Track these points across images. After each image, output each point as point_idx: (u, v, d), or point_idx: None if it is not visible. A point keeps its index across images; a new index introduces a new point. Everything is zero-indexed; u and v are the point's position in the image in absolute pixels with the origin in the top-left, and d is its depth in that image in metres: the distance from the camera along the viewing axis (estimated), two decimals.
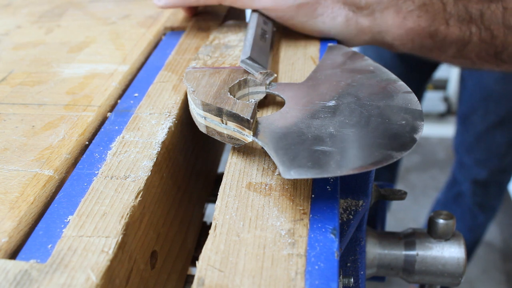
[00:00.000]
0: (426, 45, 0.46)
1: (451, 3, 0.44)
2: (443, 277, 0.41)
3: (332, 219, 0.27)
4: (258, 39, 0.41)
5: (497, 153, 1.12)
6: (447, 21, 0.44)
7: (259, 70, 0.37)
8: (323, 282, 0.23)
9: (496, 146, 1.10)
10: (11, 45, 0.50)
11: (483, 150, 1.13)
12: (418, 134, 0.29)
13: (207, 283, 0.24)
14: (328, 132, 0.29)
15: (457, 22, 0.44)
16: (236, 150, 0.33)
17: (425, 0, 0.44)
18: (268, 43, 0.42)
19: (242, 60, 0.37)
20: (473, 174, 1.18)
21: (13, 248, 0.26)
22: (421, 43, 0.46)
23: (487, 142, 1.11)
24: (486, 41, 0.45)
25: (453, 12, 0.44)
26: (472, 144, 1.14)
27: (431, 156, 2.02)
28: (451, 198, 1.27)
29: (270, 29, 0.44)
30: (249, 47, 0.39)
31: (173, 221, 0.34)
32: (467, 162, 1.18)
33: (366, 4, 0.44)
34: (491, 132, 1.09)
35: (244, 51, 0.38)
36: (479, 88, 1.05)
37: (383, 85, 0.35)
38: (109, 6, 0.58)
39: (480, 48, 0.45)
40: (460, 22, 0.44)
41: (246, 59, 0.37)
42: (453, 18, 0.44)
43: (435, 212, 0.42)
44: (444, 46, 0.46)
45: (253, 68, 0.37)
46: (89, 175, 0.30)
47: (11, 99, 0.40)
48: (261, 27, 0.43)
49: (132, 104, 0.37)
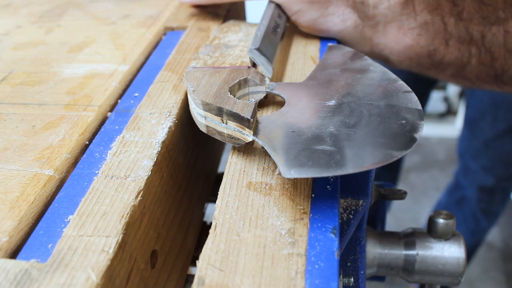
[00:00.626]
0: (424, 64, 0.46)
1: (452, 23, 0.43)
2: (443, 276, 0.41)
3: (332, 218, 0.27)
4: (270, 32, 0.41)
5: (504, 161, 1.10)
6: (447, 41, 0.44)
7: (264, 63, 0.37)
8: (323, 281, 0.23)
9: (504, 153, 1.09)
10: (11, 45, 0.50)
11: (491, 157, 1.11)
12: (418, 134, 0.29)
13: (207, 283, 0.24)
14: (328, 131, 0.30)
15: (457, 43, 0.44)
16: (236, 149, 0.33)
17: (427, 19, 0.43)
18: (278, 37, 0.42)
19: (250, 49, 0.37)
20: (478, 180, 1.16)
21: (13, 247, 0.26)
22: (418, 61, 0.46)
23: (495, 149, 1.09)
24: (486, 63, 0.44)
25: (453, 32, 0.43)
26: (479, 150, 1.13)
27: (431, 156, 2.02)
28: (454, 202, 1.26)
29: (283, 24, 0.44)
30: (259, 38, 0.39)
31: (173, 220, 0.34)
32: (473, 167, 1.16)
33: (373, 14, 0.44)
34: (499, 139, 1.07)
35: (254, 40, 0.38)
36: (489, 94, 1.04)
37: (383, 84, 0.35)
38: (109, 6, 0.58)
39: (479, 70, 0.45)
40: (460, 43, 0.44)
41: (255, 49, 0.37)
42: (453, 38, 0.44)
43: (435, 212, 0.42)
44: (442, 66, 0.46)
45: (259, 60, 0.37)
46: (90, 174, 0.30)
47: (11, 99, 0.40)
48: (274, 20, 0.43)
49: (132, 104, 0.37)
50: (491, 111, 1.06)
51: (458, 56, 0.44)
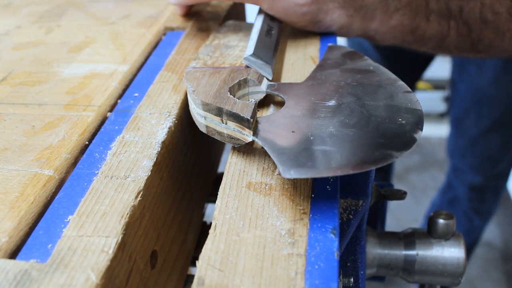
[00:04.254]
0: (407, 40, 0.48)
1: (434, 0, 0.46)
2: (443, 277, 0.41)
3: (332, 219, 0.27)
4: (263, 35, 0.41)
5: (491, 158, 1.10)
6: (428, 17, 0.46)
7: (262, 66, 0.37)
8: (323, 282, 0.23)
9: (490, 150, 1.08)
10: (11, 45, 0.50)
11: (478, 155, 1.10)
12: (418, 134, 0.29)
13: (207, 283, 0.24)
14: (328, 131, 0.29)
15: (437, 18, 0.46)
16: (236, 150, 0.33)
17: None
18: (273, 39, 0.42)
19: (245, 57, 0.37)
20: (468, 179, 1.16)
21: (13, 248, 0.26)
22: (402, 39, 0.48)
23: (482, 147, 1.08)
24: (463, 34, 0.47)
25: (434, 8, 0.46)
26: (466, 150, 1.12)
27: (431, 156, 2.02)
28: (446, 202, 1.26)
29: (277, 25, 0.45)
30: (252, 43, 0.39)
31: (173, 221, 0.34)
32: (462, 167, 1.16)
33: (361, 5, 0.45)
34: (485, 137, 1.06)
35: (248, 47, 0.39)
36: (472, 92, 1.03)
37: (383, 84, 0.35)
38: (109, 6, 0.58)
39: (457, 41, 0.48)
40: (440, 18, 0.46)
41: (249, 56, 0.37)
42: (434, 14, 0.46)
43: (435, 212, 0.42)
44: (424, 40, 0.48)
45: (257, 64, 0.37)
46: (89, 175, 0.30)
47: (11, 99, 0.40)
48: (267, 23, 0.43)
49: (132, 104, 0.37)
50: (475, 108, 1.05)
51: (438, 30, 0.47)
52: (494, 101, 1.01)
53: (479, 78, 0.98)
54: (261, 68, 0.37)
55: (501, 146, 1.07)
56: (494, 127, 1.04)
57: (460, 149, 1.14)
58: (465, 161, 1.14)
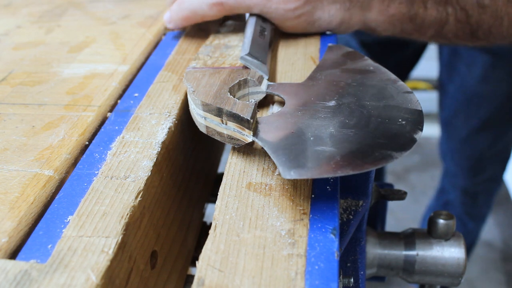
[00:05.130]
0: (407, 29, 0.49)
1: None
2: (443, 277, 0.41)
3: (332, 219, 0.27)
4: (257, 36, 0.41)
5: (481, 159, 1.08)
6: (425, 4, 0.47)
7: (259, 66, 0.37)
8: (323, 282, 0.23)
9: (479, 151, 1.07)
10: (11, 45, 0.50)
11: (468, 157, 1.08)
12: (418, 134, 0.29)
13: (207, 283, 0.24)
14: (328, 132, 0.29)
15: (434, 4, 0.47)
16: (236, 150, 0.33)
17: None
18: (267, 40, 0.42)
19: (242, 57, 0.37)
20: (459, 183, 1.15)
21: (13, 248, 0.26)
22: (401, 28, 0.49)
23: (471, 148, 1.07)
24: (462, 20, 0.47)
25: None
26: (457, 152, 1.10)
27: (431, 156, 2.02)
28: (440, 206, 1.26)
29: (269, 26, 0.45)
30: (248, 43, 0.39)
31: (173, 221, 0.34)
32: (453, 170, 1.15)
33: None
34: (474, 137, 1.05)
35: (244, 48, 0.39)
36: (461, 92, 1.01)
37: (383, 85, 0.35)
38: (109, 6, 0.58)
39: (456, 27, 0.48)
40: (437, 4, 0.47)
41: (246, 55, 0.37)
42: (430, 0, 0.47)
43: (435, 212, 0.42)
44: (423, 28, 0.49)
45: (253, 64, 0.37)
46: (89, 175, 0.30)
47: (11, 99, 0.40)
48: (259, 25, 0.44)
49: (132, 104, 0.37)
50: (463, 108, 1.03)
51: (436, 17, 0.48)
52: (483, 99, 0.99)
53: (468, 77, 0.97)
54: (257, 67, 0.37)
55: (490, 146, 1.05)
56: (482, 127, 1.02)
57: (451, 151, 1.13)
58: (456, 163, 1.13)
